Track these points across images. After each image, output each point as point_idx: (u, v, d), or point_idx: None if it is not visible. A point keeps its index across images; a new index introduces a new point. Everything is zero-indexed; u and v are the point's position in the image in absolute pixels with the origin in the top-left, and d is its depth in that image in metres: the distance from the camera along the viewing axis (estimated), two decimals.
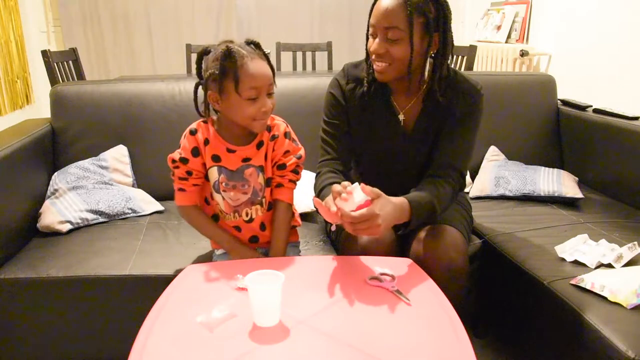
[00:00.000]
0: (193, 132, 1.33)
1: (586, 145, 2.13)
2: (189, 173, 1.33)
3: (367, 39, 1.41)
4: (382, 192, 1.19)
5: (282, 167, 1.38)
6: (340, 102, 1.48)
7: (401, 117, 1.46)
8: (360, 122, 1.48)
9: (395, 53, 1.33)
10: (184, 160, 1.32)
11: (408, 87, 1.45)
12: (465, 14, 4.19)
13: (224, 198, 1.35)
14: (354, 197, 1.14)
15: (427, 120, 1.45)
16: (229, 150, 1.33)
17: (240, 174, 1.34)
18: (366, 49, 1.42)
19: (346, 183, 1.18)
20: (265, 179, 1.37)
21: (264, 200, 1.38)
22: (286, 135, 1.38)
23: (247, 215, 1.37)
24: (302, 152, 1.40)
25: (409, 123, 1.47)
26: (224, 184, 1.34)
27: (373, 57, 1.37)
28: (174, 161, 1.34)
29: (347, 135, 1.49)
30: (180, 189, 1.35)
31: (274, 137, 1.36)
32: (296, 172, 1.40)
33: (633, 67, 2.54)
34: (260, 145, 1.35)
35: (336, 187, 1.16)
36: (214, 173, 1.34)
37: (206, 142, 1.33)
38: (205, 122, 1.35)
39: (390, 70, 1.36)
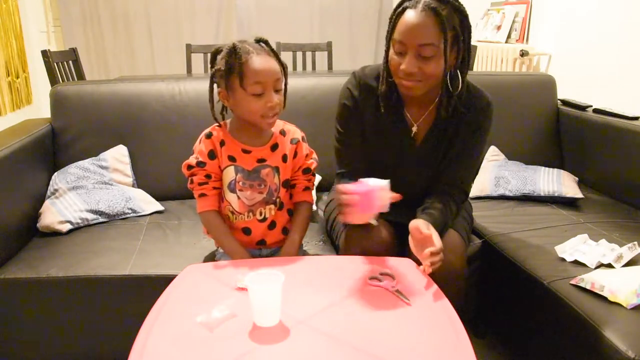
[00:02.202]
0: (209, 136, 1.34)
1: (586, 145, 2.13)
2: (208, 177, 1.34)
3: (387, 54, 1.34)
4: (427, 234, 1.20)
5: (307, 170, 1.42)
6: (354, 112, 1.45)
7: (414, 129, 1.44)
8: (370, 130, 1.46)
9: (428, 70, 1.27)
10: (201, 164, 1.33)
11: (424, 99, 1.41)
12: None
13: (239, 197, 1.35)
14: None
15: (438, 133, 1.44)
16: (244, 151, 1.34)
17: (256, 173, 1.34)
18: (386, 65, 1.36)
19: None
20: (281, 181, 1.38)
21: (278, 200, 1.39)
22: (303, 139, 1.41)
23: (260, 214, 1.38)
24: (314, 154, 1.44)
25: (419, 135, 1.45)
26: (240, 183, 1.34)
27: (401, 74, 1.30)
28: (190, 167, 1.34)
29: (362, 145, 1.47)
30: (202, 195, 1.35)
31: (294, 141, 1.38)
32: (314, 173, 1.44)
33: (633, 67, 2.54)
34: (275, 147, 1.36)
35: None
36: (230, 173, 1.34)
37: (222, 143, 1.34)
38: (219, 126, 1.36)
39: (421, 86, 1.31)
